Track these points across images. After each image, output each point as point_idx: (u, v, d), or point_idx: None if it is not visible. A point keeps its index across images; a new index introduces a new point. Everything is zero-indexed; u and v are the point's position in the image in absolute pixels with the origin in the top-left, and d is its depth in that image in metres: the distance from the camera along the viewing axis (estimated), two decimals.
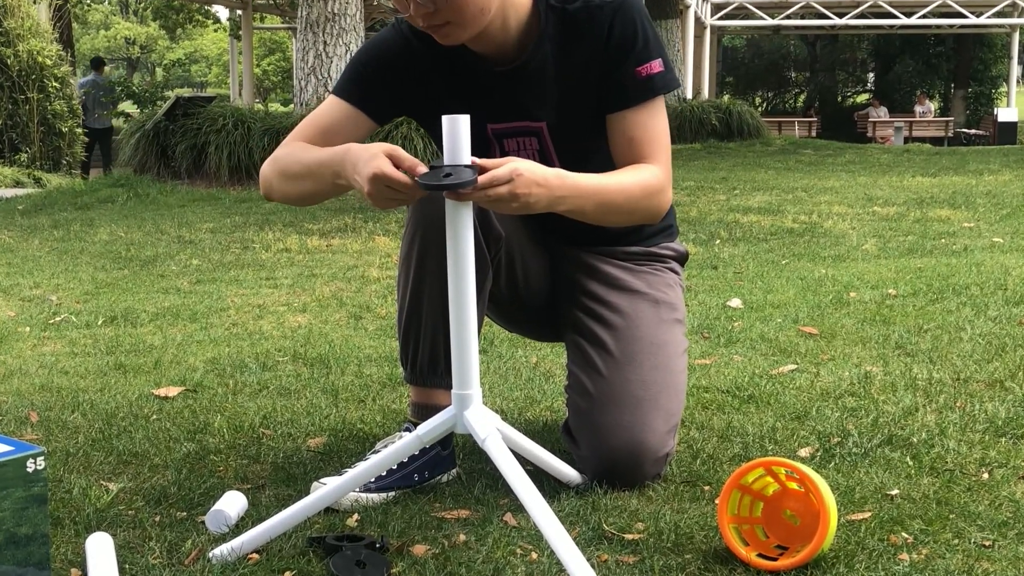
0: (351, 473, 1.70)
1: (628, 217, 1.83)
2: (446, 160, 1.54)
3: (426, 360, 1.91)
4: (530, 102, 1.88)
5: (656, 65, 1.82)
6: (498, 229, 1.86)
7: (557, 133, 1.90)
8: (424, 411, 1.89)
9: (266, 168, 1.91)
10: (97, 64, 15.79)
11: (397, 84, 1.91)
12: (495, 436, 1.61)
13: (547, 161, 1.89)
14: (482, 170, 1.53)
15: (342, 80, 1.93)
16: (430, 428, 1.65)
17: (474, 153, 1.55)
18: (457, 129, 1.53)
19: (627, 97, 1.83)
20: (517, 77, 1.86)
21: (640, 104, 1.83)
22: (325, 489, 1.68)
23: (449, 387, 1.65)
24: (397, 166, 1.56)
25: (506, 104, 1.88)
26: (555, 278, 2.06)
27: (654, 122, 1.84)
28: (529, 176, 1.57)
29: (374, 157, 1.57)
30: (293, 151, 1.85)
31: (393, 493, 1.87)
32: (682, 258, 2.14)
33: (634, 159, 1.83)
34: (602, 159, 1.86)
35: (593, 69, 1.83)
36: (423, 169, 1.55)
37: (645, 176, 1.80)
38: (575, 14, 1.82)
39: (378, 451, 1.86)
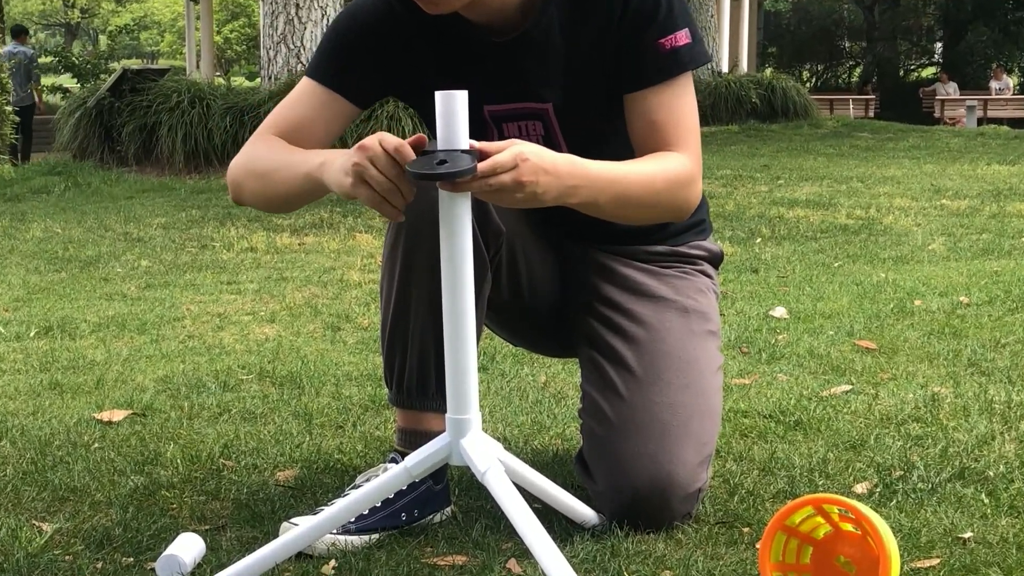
0: (327, 512, 1.70)
1: (650, 212, 1.82)
2: (440, 143, 1.53)
3: (414, 378, 1.90)
4: (533, 79, 1.87)
5: (682, 36, 1.81)
6: (497, 224, 1.85)
7: (565, 115, 1.89)
8: (413, 438, 1.89)
9: (234, 167, 1.90)
10: (18, 33, 15.71)
11: (380, 57, 1.89)
12: (497, 468, 1.61)
13: (554, 148, 1.89)
14: (482, 156, 1.52)
15: (317, 58, 1.92)
16: (420, 459, 1.65)
17: (471, 135, 1.55)
18: (453, 106, 1.52)
19: (648, 74, 1.81)
20: (518, 49, 1.85)
21: (663, 82, 1.81)
22: (297, 531, 1.68)
23: (442, 410, 1.64)
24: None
25: (506, 82, 1.87)
26: (565, 282, 2.06)
27: (680, 102, 1.83)
28: (536, 162, 1.56)
29: (358, 147, 1.57)
30: (264, 147, 1.85)
31: (377, 535, 1.86)
32: (716, 259, 2.14)
33: (657, 146, 1.82)
34: (619, 145, 1.85)
35: (608, 40, 1.82)
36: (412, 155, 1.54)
37: (671, 165, 1.79)
38: None
39: (359, 486, 1.86)
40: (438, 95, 1.52)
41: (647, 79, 1.81)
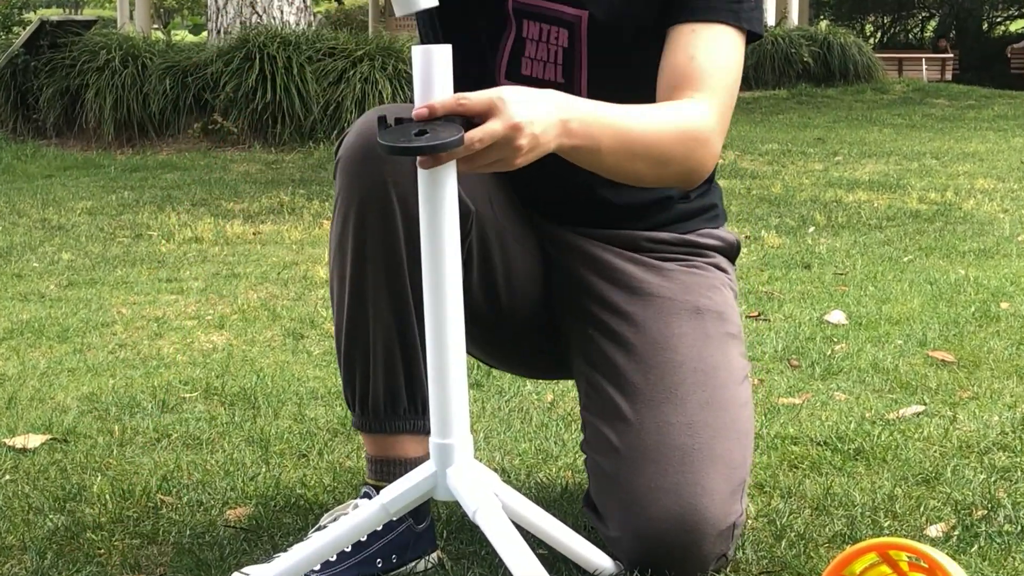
0: (287, 558, 1.70)
1: (657, 169, 1.82)
2: (416, 94, 1.54)
3: (380, 396, 1.90)
4: None
5: None
6: (465, 204, 1.82)
7: (599, 33, 1.91)
8: (388, 468, 1.89)
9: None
10: None
11: None
12: (492, 505, 1.61)
13: (570, 70, 1.89)
14: (467, 121, 1.53)
15: None
16: (398, 493, 1.65)
17: (485, 31, 1.56)
18: (431, 63, 1.53)
19: (700, 7, 1.86)
20: None
21: (717, 22, 1.86)
22: (281, 567, 1.68)
23: (418, 431, 1.65)
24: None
25: None
26: (553, 277, 2.06)
27: (725, 52, 1.87)
28: (532, 130, 1.57)
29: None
30: None
31: None
32: (731, 251, 2.15)
33: (685, 86, 1.84)
34: (643, 96, 1.87)
35: None
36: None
37: (691, 116, 1.82)
38: None
39: (325, 527, 1.86)
40: (414, 50, 1.53)
41: (699, 14, 1.86)
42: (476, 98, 1.54)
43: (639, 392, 1.92)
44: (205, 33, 10.10)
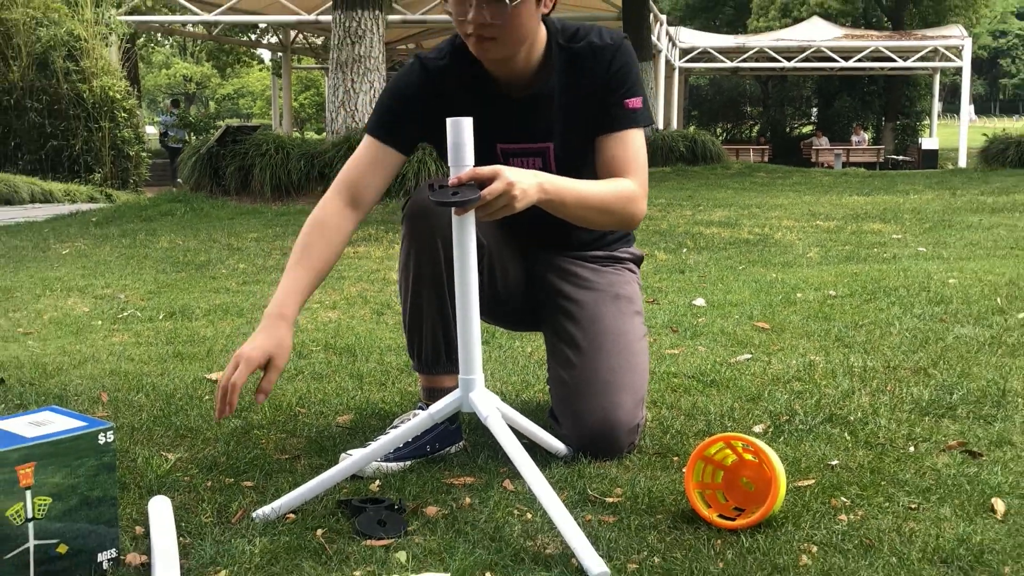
0: (374, 445, 1.69)
1: (605, 218, 1.79)
2: (450, 160, 1.53)
3: (430, 353, 1.90)
4: (539, 126, 1.87)
5: (639, 102, 1.84)
6: (480, 239, 1.84)
7: (560, 152, 1.88)
8: (433, 393, 1.89)
9: (309, 219, 1.89)
10: (175, 103, 17.53)
11: (418, 115, 1.88)
12: (496, 415, 1.61)
13: (547, 168, 1.87)
14: (481, 184, 1.52)
15: (372, 120, 1.91)
16: (440, 408, 1.65)
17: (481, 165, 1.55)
18: (461, 131, 1.53)
19: (616, 123, 1.83)
20: (529, 105, 1.85)
21: (625, 129, 1.83)
22: (351, 459, 1.67)
23: (452, 372, 1.64)
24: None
25: (518, 129, 1.87)
26: (530, 279, 2.04)
27: (635, 146, 1.83)
28: (522, 186, 1.57)
29: (243, 354, 1.66)
30: (309, 234, 1.84)
31: (409, 462, 1.86)
32: (638, 260, 2.13)
33: (615, 174, 1.82)
34: (590, 174, 1.85)
35: (593, 97, 1.83)
36: None
37: (621, 185, 1.79)
38: (580, 52, 1.83)
39: (396, 427, 1.86)
40: (449, 121, 1.52)
41: (614, 126, 1.83)
42: (486, 169, 1.53)
43: (581, 348, 1.91)
44: (324, 133, 10.05)
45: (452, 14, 1.73)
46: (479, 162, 1.57)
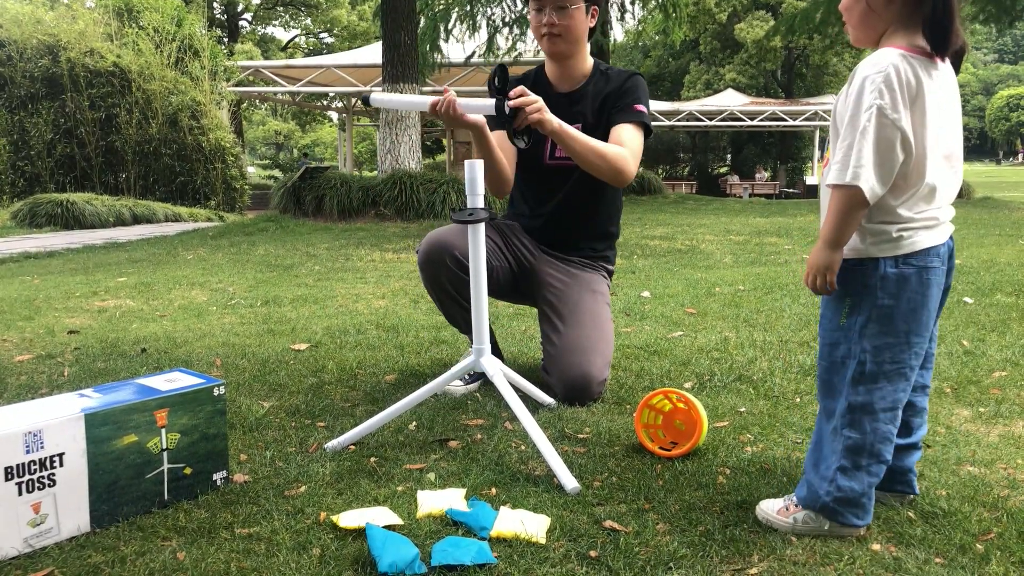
0: (420, 390, 1.68)
1: (599, 161, 1.79)
2: (467, 191, 1.55)
3: (464, 330, 1.98)
4: (575, 110, 1.93)
5: (643, 108, 1.89)
6: (490, 260, 1.91)
7: (585, 131, 1.90)
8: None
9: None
10: (305, 155, 17.88)
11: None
12: (499, 374, 1.61)
13: None
14: (517, 114, 1.58)
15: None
16: (460, 366, 1.65)
17: (531, 140, 1.62)
18: (475, 170, 1.53)
19: (623, 116, 1.87)
20: (573, 99, 1.93)
21: (628, 122, 1.87)
22: (403, 400, 1.65)
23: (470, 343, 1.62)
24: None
25: (561, 110, 1.90)
26: (533, 274, 2.04)
27: (634, 136, 1.86)
28: (547, 111, 1.63)
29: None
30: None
31: (475, 384, 1.97)
32: (611, 271, 2.14)
33: (616, 144, 1.85)
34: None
35: (610, 99, 1.90)
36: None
37: (617, 148, 1.82)
38: (609, 72, 1.93)
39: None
40: (466, 163, 1.54)
41: (623, 119, 1.87)
42: (532, 96, 1.61)
43: (566, 322, 1.92)
44: (376, 172, 10.02)
45: (533, 25, 1.86)
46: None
